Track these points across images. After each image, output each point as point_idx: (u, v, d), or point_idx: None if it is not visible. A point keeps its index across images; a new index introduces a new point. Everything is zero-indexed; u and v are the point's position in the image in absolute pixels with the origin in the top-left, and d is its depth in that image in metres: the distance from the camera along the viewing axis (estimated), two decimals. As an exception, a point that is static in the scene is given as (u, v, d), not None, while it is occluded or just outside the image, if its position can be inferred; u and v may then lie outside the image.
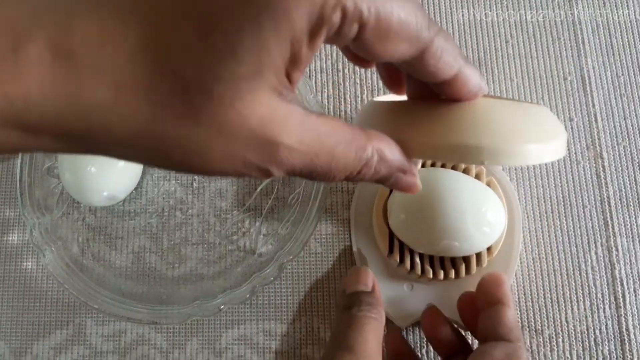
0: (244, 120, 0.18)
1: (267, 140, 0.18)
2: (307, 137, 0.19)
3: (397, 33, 0.19)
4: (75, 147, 0.18)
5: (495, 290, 0.31)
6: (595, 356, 0.36)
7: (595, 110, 0.40)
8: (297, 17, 0.17)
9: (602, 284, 0.37)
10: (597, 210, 0.38)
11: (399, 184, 0.24)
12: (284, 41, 0.17)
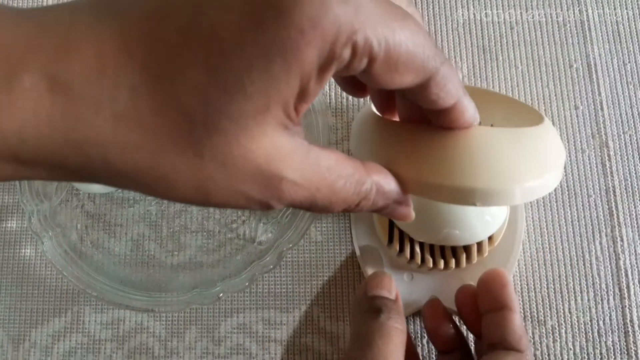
0: (249, 155, 0.17)
1: (271, 176, 0.18)
2: (310, 172, 0.19)
3: (405, 65, 0.19)
4: (72, 177, 0.18)
5: (499, 293, 0.30)
6: (599, 347, 0.35)
7: (601, 98, 0.39)
8: (308, 54, 0.16)
9: (606, 275, 0.36)
10: (602, 200, 0.37)
11: (394, 214, 0.25)
12: (293, 78, 0.17)
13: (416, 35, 0.18)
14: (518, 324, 0.29)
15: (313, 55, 0.16)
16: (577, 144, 0.38)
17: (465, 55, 0.40)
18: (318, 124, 0.37)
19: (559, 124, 0.39)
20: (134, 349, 0.37)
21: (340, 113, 0.40)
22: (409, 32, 0.18)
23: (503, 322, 0.29)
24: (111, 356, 0.37)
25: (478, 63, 0.40)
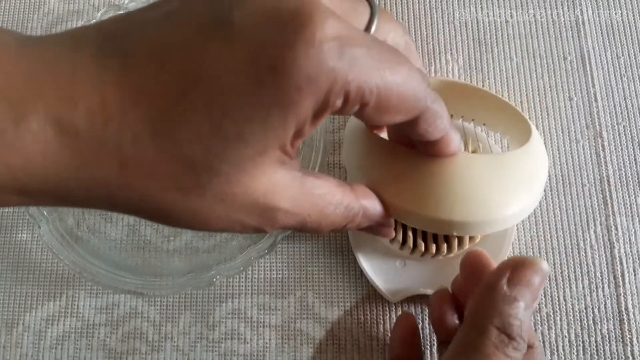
0: (248, 191, 0.19)
1: (267, 208, 0.20)
2: (303, 201, 0.21)
3: (396, 107, 0.20)
4: (76, 206, 0.19)
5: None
6: (594, 335, 0.35)
7: (595, 90, 0.39)
8: (304, 106, 0.17)
9: (601, 263, 0.36)
10: (597, 189, 0.38)
11: (376, 233, 0.27)
12: (290, 125, 0.18)
13: (408, 79, 0.19)
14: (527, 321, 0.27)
15: (309, 106, 0.17)
16: (571, 134, 0.39)
17: (461, 48, 0.41)
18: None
19: (554, 115, 0.39)
20: (128, 334, 0.37)
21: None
22: (401, 77, 0.19)
23: None
24: (105, 341, 0.37)
25: (474, 55, 0.40)
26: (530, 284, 0.24)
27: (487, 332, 0.24)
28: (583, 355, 0.35)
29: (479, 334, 0.24)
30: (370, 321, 0.36)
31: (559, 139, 0.39)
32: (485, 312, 0.24)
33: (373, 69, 0.18)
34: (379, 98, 0.18)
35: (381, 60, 0.18)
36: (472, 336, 0.24)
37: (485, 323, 0.24)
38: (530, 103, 0.39)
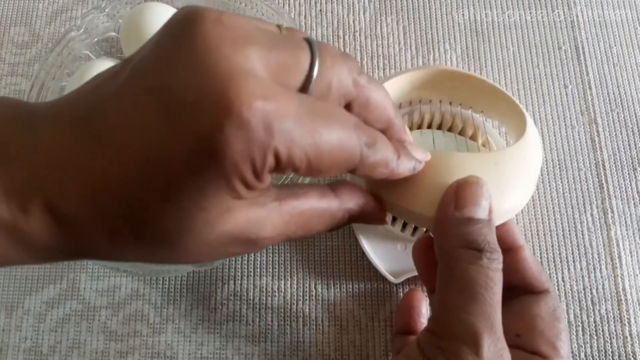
0: (226, 232, 0.20)
1: (249, 239, 0.21)
2: (284, 224, 0.22)
3: (329, 167, 0.20)
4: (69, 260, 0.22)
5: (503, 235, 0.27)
6: (593, 315, 0.35)
7: (589, 78, 0.41)
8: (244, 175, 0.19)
9: (597, 245, 0.37)
10: (592, 173, 0.38)
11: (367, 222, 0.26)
12: (238, 187, 0.19)
13: (340, 140, 0.20)
14: (533, 261, 0.28)
15: (248, 173, 0.19)
16: (566, 120, 0.40)
17: (459, 37, 0.42)
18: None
19: (549, 102, 0.40)
20: (129, 316, 0.37)
21: (338, 89, 0.41)
22: (332, 139, 0.20)
23: (519, 265, 0.27)
24: (106, 323, 0.37)
25: (471, 45, 0.41)
26: (476, 200, 0.24)
27: (456, 256, 0.24)
28: (582, 335, 0.35)
29: (452, 263, 0.24)
30: (372, 302, 0.36)
31: (555, 125, 0.39)
32: (447, 243, 0.24)
33: (302, 138, 0.19)
34: (310, 163, 0.19)
35: (311, 126, 0.19)
36: (447, 269, 0.24)
37: (451, 250, 0.24)
38: (527, 91, 0.40)
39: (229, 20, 0.19)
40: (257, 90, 0.18)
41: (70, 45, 0.40)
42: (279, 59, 0.19)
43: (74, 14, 0.44)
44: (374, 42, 0.42)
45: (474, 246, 0.23)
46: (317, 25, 0.43)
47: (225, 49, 0.18)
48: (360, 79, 0.21)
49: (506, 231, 0.28)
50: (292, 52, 0.20)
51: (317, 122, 0.19)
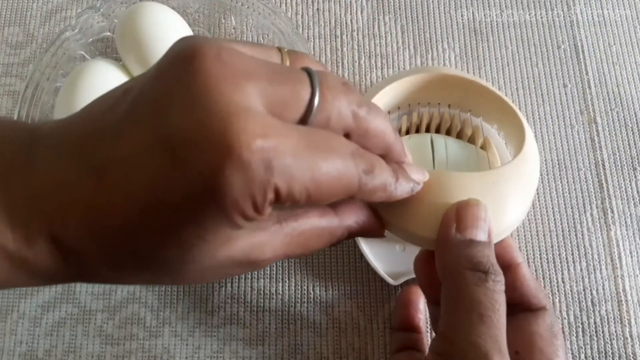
0: (226, 259, 0.21)
1: (250, 262, 0.22)
2: (284, 246, 0.23)
3: (328, 197, 0.21)
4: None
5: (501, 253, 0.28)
6: (593, 316, 0.35)
7: (589, 77, 0.40)
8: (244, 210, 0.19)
9: (597, 245, 0.37)
10: (592, 173, 0.38)
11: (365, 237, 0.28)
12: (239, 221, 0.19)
13: (338, 171, 0.20)
14: (531, 278, 0.28)
15: (248, 209, 0.19)
16: (566, 119, 0.39)
17: (457, 36, 0.41)
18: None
19: (549, 102, 0.40)
20: (126, 319, 0.36)
21: (336, 89, 0.41)
22: (331, 170, 0.20)
23: (517, 283, 0.28)
24: (102, 326, 0.36)
25: (470, 44, 0.41)
26: (477, 222, 0.25)
27: (462, 277, 0.24)
28: (582, 336, 0.35)
29: (458, 284, 0.24)
30: (370, 304, 0.36)
31: (554, 125, 0.39)
32: (452, 264, 0.25)
33: (301, 172, 0.19)
34: (309, 195, 0.20)
35: (310, 159, 0.19)
36: (454, 290, 0.24)
37: (457, 271, 0.24)
38: (526, 90, 0.40)
39: (228, 56, 0.19)
40: (256, 129, 0.18)
41: (65, 46, 0.39)
42: (278, 94, 0.19)
43: (69, 13, 0.43)
44: (371, 42, 0.42)
45: (480, 268, 0.24)
46: (314, 24, 0.42)
47: (225, 87, 0.18)
48: (359, 111, 0.21)
49: (504, 248, 0.29)
50: (292, 86, 0.20)
51: (315, 154, 0.19)
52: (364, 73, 0.41)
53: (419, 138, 0.33)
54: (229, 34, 0.42)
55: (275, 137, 0.18)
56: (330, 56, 0.41)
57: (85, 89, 0.36)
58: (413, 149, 0.32)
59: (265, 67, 0.20)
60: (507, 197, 0.27)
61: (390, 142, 0.23)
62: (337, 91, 0.21)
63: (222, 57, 0.19)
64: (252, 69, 0.19)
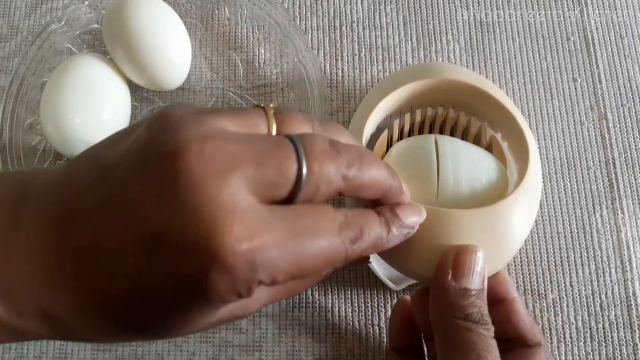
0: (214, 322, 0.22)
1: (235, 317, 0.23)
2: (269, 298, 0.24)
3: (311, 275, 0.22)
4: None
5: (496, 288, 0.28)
6: (602, 321, 0.34)
7: (599, 71, 0.39)
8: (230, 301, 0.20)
9: (607, 248, 0.35)
10: (602, 172, 0.37)
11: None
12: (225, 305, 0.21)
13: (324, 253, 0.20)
14: (524, 313, 0.28)
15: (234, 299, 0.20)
16: (575, 116, 0.38)
17: (462, 27, 0.40)
18: (314, 95, 0.36)
19: (557, 96, 0.38)
20: (118, 325, 0.35)
21: (336, 84, 0.39)
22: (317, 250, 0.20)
23: (511, 317, 0.28)
24: (93, 333, 0.35)
25: (475, 35, 0.39)
26: (472, 270, 0.25)
27: (455, 324, 0.25)
28: (590, 342, 0.34)
29: (452, 330, 0.25)
30: (371, 309, 0.35)
31: (563, 121, 0.38)
32: (445, 313, 0.25)
33: (286, 263, 0.19)
34: (293, 277, 0.20)
35: (295, 249, 0.19)
36: (449, 336, 0.25)
37: (449, 321, 0.25)
38: (534, 84, 0.38)
39: (211, 150, 0.19)
40: (240, 232, 0.18)
41: (51, 39, 0.38)
42: (265, 177, 0.19)
43: (55, 4, 0.41)
44: (372, 33, 0.40)
45: (471, 319, 0.25)
46: (312, 15, 0.40)
47: (210, 187, 0.18)
48: (349, 173, 0.21)
49: (499, 282, 0.29)
50: (278, 166, 0.20)
51: (300, 242, 0.20)
52: (364, 67, 0.39)
53: (422, 140, 0.32)
54: (223, 26, 0.40)
55: (260, 236, 0.19)
56: (329, 49, 0.39)
57: (72, 85, 0.35)
58: (415, 152, 0.31)
59: (251, 149, 0.19)
60: (506, 233, 0.27)
61: (386, 188, 0.23)
62: (324, 159, 0.20)
63: (204, 152, 0.18)
64: (237, 156, 0.19)
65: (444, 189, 0.29)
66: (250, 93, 0.38)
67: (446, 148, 0.30)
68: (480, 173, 0.29)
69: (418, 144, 0.31)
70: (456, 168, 0.29)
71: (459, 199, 0.29)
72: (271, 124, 0.22)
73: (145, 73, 0.36)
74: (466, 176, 0.29)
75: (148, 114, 0.39)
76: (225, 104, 0.38)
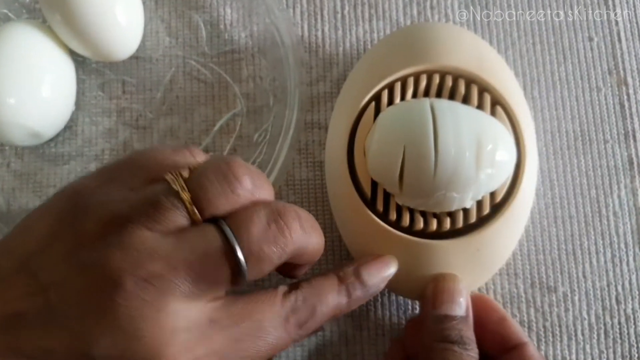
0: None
1: None
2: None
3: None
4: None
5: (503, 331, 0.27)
6: (617, 316, 0.30)
7: (619, 28, 0.34)
8: None
9: (625, 233, 0.31)
10: (621, 146, 0.32)
11: None
12: None
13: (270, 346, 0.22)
14: (537, 357, 0.26)
15: None
16: (591, 81, 0.33)
17: (461, -21, 0.34)
18: (289, 62, 0.31)
19: (571, 59, 0.33)
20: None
21: (315, 48, 0.34)
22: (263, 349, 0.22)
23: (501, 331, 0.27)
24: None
25: (477, -11, 0.34)
26: (451, 297, 0.26)
27: (432, 348, 0.25)
28: (605, 339, 0.30)
29: (428, 355, 0.25)
30: (359, 310, 0.31)
31: (578, 88, 0.33)
32: (427, 338, 0.26)
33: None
34: None
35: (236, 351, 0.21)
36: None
37: (428, 344, 0.25)
38: (544, 45, 0.33)
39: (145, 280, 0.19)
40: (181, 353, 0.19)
41: (-21, 2, 0.32)
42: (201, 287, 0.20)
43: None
44: (357, -12, 0.34)
45: (448, 339, 0.25)
46: (287, -34, 0.34)
47: (148, 313, 0.19)
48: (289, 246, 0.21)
49: (508, 328, 0.27)
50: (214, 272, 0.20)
51: (241, 347, 0.21)
52: (348, 26, 0.34)
53: (414, 104, 0.27)
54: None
55: (200, 349, 0.20)
56: (307, 7, 0.34)
57: (6, 58, 0.30)
58: (407, 120, 0.26)
59: (181, 265, 0.20)
60: (492, 258, 0.28)
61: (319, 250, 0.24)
62: (261, 245, 0.21)
63: (139, 284, 0.19)
64: (169, 279, 0.19)
65: (444, 158, 0.25)
66: (216, 61, 0.33)
67: (444, 111, 0.26)
68: (486, 138, 0.26)
69: (409, 108, 0.27)
70: (457, 132, 0.25)
71: (461, 169, 0.25)
72: (192, 213, 0.21)
73: (89, 41, 0.30)
74: (469, 142, 0.25)
75: (99, 89, 0.33)
76: (186, 74, 0.33)
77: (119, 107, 0.33)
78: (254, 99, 0.33)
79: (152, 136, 0.33)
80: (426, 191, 0.26)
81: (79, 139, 0.33)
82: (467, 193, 0.26)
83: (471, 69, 0.28)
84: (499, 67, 0.29)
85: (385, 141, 0.26)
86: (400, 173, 0.26)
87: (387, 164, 0.26)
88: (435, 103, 0.27)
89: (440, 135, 0.25)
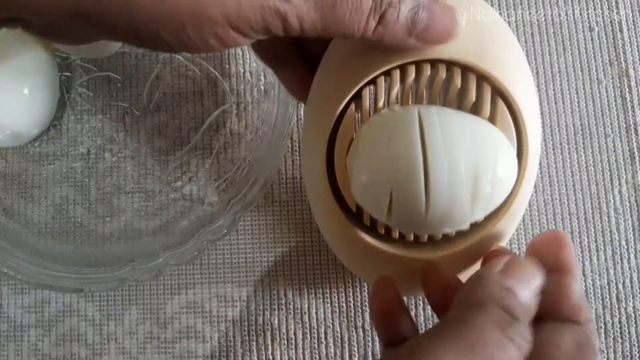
0: None
1: None
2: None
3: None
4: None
5: (555, 253, 0.23)
6: (618, 315, 0.30)
7: (620, 18, 0.32)
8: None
9: (626, 229, 0.31)
10: (622, 140, 0.31)
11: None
12: None
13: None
14: (577, 292, 0.22)
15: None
16: (592, 73, 0.32)
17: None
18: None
19: (571, 50, 0.32)
20: (63, 336, 0.31)
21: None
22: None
23: (557, 289, 0.22)
24: (36, 344, 0.31)
25: (473, -23, 0.33)
26: (525, 281, 0.21)
27: (487, 308, 0.20)
28: (605, 338, 0.30)
29: (476, 310, 0.20)
30: (354, 310, 0.30)
31: (578, 80, 0.32)
32: (482, 293, 0.21)
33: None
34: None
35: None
36: (466, 313, 0.20)
37: (484, 300, 0.20)
38: (543, 35, 0.32)
39: None
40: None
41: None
42: None
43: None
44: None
45: (510, 311, 0.20)
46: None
47: None
48: None
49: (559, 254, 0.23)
50: None
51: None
52: None
53: (400, 113, 0.24)
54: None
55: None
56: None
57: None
58: (392, 132, 0.23)
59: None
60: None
61: None
62: None
63: None
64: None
65: (436, 200, 0.22)
66: (204, 56, 0.32)
67: (433, 124, 0.23)
68: (484, 163, 0.23)
69: (394, 118, 0.24)
70: (452, 165, 0.22)
71: (455, 208, 0.22)
72: None
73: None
74: (465, 176, 0.22)
75: (83, 86, 0.32)
76: (173, 69, 0.32)
77: (105, 105, 0.32)
78: (244, 95, 0.32)
79: (139, 132, 0.32)
80: (417, 228, 0.24)
81: (64, 137, 0.32)
82: (462, 226, 0.24)
83: (468, 57, 0.24)
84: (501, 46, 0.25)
85: (369, 174, 0.23)
86: (388, 209, 0.23)
87: (373, 200, 0.23)
88: (425, 119, 0.23)
89: (431, 171, 0.22)
